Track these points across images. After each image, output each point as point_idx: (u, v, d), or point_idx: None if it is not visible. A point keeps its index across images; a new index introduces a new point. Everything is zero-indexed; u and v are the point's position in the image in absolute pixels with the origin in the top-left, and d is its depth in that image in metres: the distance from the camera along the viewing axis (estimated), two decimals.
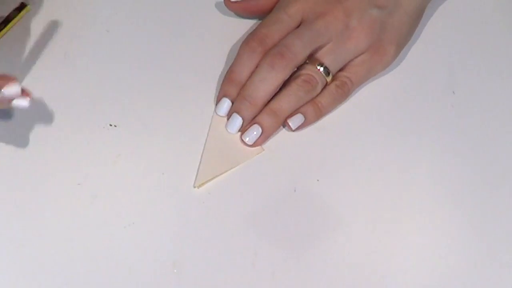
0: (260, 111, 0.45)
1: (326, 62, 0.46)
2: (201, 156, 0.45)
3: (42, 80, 0.45)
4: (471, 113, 0.48)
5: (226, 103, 0.46)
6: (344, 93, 0.46)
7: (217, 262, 0.42)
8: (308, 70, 0.46)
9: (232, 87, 0.46)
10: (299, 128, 0.46)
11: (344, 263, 0.42)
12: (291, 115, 0.46)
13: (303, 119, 0.45)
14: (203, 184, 0.44)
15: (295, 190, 0.44)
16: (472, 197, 0.45)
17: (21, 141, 0.45)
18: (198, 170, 0.44)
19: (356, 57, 0.47)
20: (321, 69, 0.45)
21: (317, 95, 0.46)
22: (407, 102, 0.48)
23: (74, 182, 0.44)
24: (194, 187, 0.44)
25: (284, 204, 0.44)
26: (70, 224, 0.42)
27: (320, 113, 0.46)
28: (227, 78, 0.46)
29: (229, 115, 0.46)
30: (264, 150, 0.46)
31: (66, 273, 0.41)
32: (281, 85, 0.45)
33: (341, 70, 0.47)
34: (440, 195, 0.45)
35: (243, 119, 0.45)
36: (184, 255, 0.42)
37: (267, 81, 0.44)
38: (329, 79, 0.46)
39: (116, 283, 0.41)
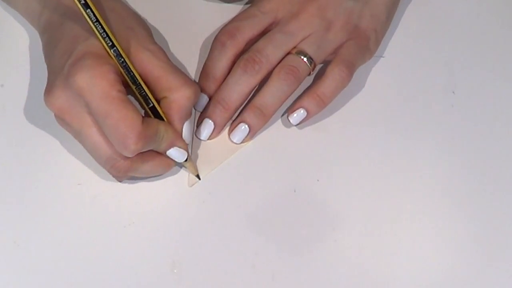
0: (232, 116, 0.45)
1: (310, 51, 0.45)
2: (191, 155, 0.45)
3: (45, 79, 0.45)
4: (471, 113, 0.48)
5: (203, 99, 0.46)
6: (347, 75, 0.45)
7: (217, 262, 0.42)
8: (290, 61, 0.45)
9: (208, 81, 0.46)
10: (301, 122, 0.45)
11: (344, 263, 0.42)
12: (291, 110, 0.45)
13: (305, 114, 0.45)
14: (197, 182, 0.44)
15: (295, 190, 0.44)
16: (472, 197, 0.45)
17: (21, 141, 0.45)
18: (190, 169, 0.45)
19: (340, 45, 0.46)
20: (305, 59, 0.45)
21: (318, 84, 0.45)
22: (407, 102, 0.48)
23: (74, 182, 0.44)
24: (188, 186, 0.44)
25: (284, 204, 0.44)
26: (70, 224, 0.42)
27: (323, 104, 0.45)
28: (202, 73, 0.46)
29: (199, 121, 0.46)
30: (251, 140, 0.46)
31: (66, 273, 0.41)
32: (254, 88, 0.45)
33: (333, 57, 0.46)
34: (440, 195, 0.45)
35: (215, 124, 0.45)
36: (184, 255, 0.42)
37: (240, 84, 0.44)
38: (313, 70, 0.45)
39: (116, 283, 0.41)
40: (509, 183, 0.46)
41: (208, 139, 0.46)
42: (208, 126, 0.45)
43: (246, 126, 0.45)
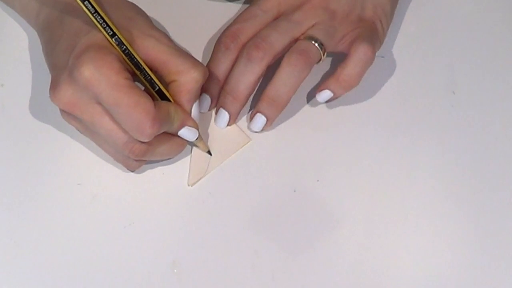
0: (244, 104, 0.46)
1: (319, 36, 0.45)
2: (191, 154, 0.45)
3: (46, 79, 0.45)
4: (471, 113, 0.48)
5: (206, 100, 0.46)
6: (372, 55, 0.44)
7: (217, 262, 0.42)
8: (300, 45, 0.44)
9: (211, 83, 0.46)
10: (328, 102, 0.46)
11: (344, 263, 0.42)
12: (318, 89, 0.45)
13: (331, 94, 0.45)
14: (196, 181, 0.44)
15: (295, 190, 0.44)
16: (472, 197, 0.45)
17: (21, 141, 0.45)
18: (189, 169, 0.44)
19: (347, 33, 0.46)
20: (315, 43, 0.44)
21: (341, 67, 0.45)
22: (407, 102, 0.48)
23: (74, 182, 0.44)
24: (188, 185, 0.44)
25: (284, 204, 0.44)
26: (70, 224, 0.42)
27: (347, 86, 0.45)
28: None
29: (216, 110, 0.46)
30: (251, 140, 0.46)
31: (66, 273, 0.41)
32: (261, 76, 0.45)
33: (345, 45, 0.46)
34: (440, 195, 0.45)
35: (229, 113, 0.45)
36: (184, 255, 0.42)
37: (246, 74, 0.44)
38: (323, 55, 0.45)
39: (116, 283, 0.41)
40: (509, 183, 0.46)
41: (227, 126, 0.46)
42: (223, 115, 0.46)
43: (262, 116, 0.45)
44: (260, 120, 0.45)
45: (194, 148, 0.45)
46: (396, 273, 0.43)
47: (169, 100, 0.42)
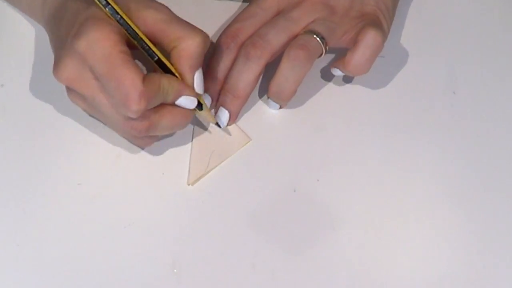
0: (244, 102, 0.46)
1: (320, 30, 0.44)
2: (190, 154, 0.45)
3: (46, 79, 0.45)
4: (471, 113, 0.48)
5: (207, 99, 0.46)
6: (382, 41, 0.44)
7: (217, 262, 0.42)
8: (300, 39, 0.44)
9: (211, 82, 0.46)
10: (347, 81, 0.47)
11: (344, 263, 0.42)
12: (332, 65, 0.46)
13: (342, 74, 0.46)
14: (196, 181, 0.44)
15: (295, 190, 0.44)
16: (472, 197, 0.45)
17: (21, 141, 0.45)
18: (189, 168, 0.44)
19: (349, 29, 0.46)
20: (316, 36, 0.44)
21: (350, 53, 0.44)
22: (408, 102, 0.48)
23: (74, 182, 0.44)
24: (188, 184, 0.44)
25: (284, 204, 0.44)
26: (70, 224, 0.42)
27: (356, 73, 0.45)
28: (206, 75, 0.46)
29: (216, 109, 0.46)
30: (251, 140, 0.46)
31: (66, 273, 0.41)
32: (261, 74, 0.45)
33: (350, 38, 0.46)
34: (440, 195, 0.45)
35: (229, 112, 0.45)
36: (184, 255, 0.42)
37: (245, 72, 0.44)
38: (325, 49, 0.45)
39: (116, 283, 0.41)
40: (509, 183, 0.46)
41: (227, 125, 0.46)
42: (223, 114, 0.46)
43: (275, 103, 0.46)
44: (274, 104, 0.47)
45: (194, 147, 0.45)
46: (396, 273, 0.43)
47: (169, 70, 0.41)
